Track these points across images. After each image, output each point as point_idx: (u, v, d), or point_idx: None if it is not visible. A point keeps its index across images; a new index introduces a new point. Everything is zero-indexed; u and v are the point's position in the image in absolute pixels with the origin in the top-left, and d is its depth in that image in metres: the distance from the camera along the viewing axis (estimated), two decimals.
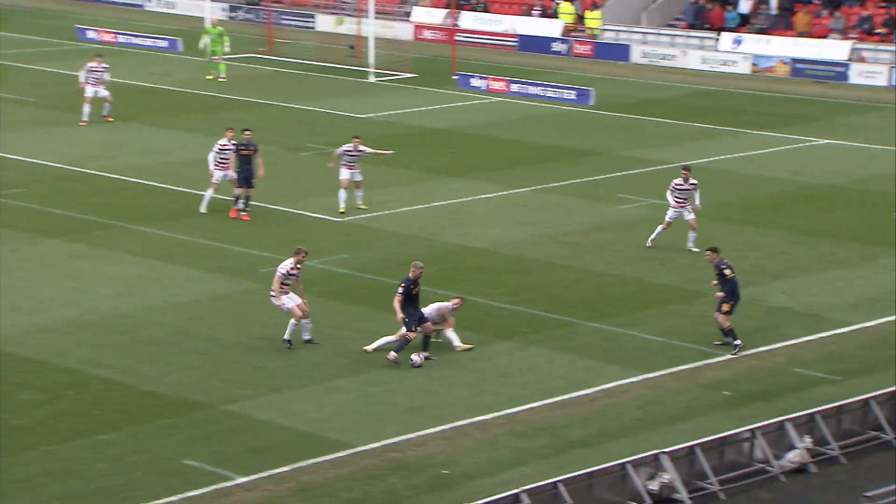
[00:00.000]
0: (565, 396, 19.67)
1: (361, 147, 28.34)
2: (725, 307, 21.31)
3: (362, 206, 28.67)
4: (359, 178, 28.45)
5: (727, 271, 21.42)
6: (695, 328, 22.49)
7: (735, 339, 21.35)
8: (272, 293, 21.25)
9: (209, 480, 16.99)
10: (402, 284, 20.74)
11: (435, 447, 18.03)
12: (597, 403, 19.49)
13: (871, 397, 18.53)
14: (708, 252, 21.94)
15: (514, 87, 43.36)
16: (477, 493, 16.65)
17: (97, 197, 29.96)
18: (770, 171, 33.33)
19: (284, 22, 56.66)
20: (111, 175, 31.82)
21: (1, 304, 22.92)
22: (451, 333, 21.42)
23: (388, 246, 26.85)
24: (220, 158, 28.18)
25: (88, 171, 32.15)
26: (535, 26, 53.41)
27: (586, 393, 19.83)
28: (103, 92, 37.03)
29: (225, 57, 44.34)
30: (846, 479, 17.32)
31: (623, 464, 16.54)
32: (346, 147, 28.34)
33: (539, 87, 43.05)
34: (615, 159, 34.53)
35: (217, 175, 28.21)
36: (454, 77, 45.26)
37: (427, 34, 54.61)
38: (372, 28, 46.55)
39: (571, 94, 42.38)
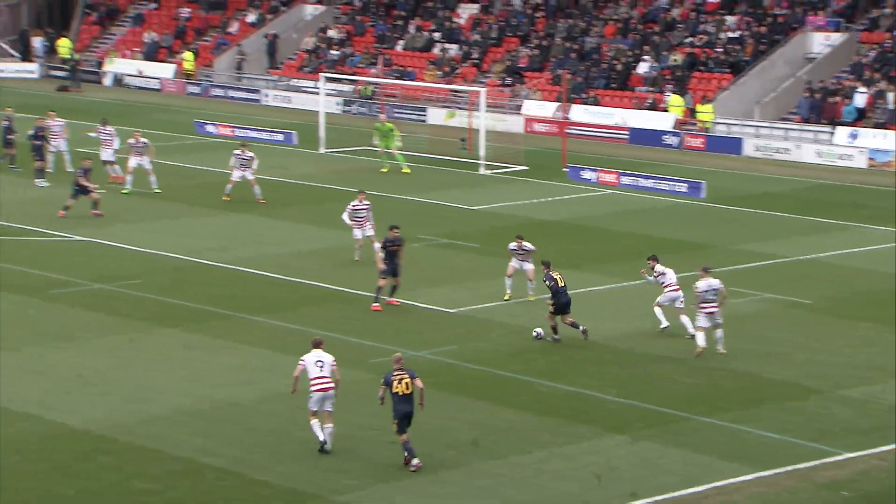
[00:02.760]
0: (678, 493, 19.29)
1: (526, 244, 29.09)
2: None
3: (531, 298, 29.04)
4: (528, 266, 29.02)
5: None
6: (812, 425, 21.97)
7: None
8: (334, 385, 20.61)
9: None
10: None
11: None
12: (711, 501, 19.08)
13: None
14: None
15: (625, 180, 43.29)
16: None
17: (214, 287, 30.43)
18: (886, 267, 32.66)
19: (397, 115, 57.43)
20: (228, 266, 32.34)
21: (116, 392, 23.27)
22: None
23: (498, 337, 26.79)
24: None
25: (206, 261, 32.70)
26: (646, 119, 53.43)
27: (700, 490, 19.44)
28: (250, 175, 38.69)
29: (348, 150, 45.19)
30: None
31: None
32: (512, 246, 29.14)
33: (650, 180, 42.92)
34: (727, 252, 34.16)
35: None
36: (565, 169, 45.37)
37: (538, 127, 54.92)
38: (483, 121, 46.96)
39: (683, 187, 42.16)
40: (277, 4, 69.18)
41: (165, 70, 67.50)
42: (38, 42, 72.05)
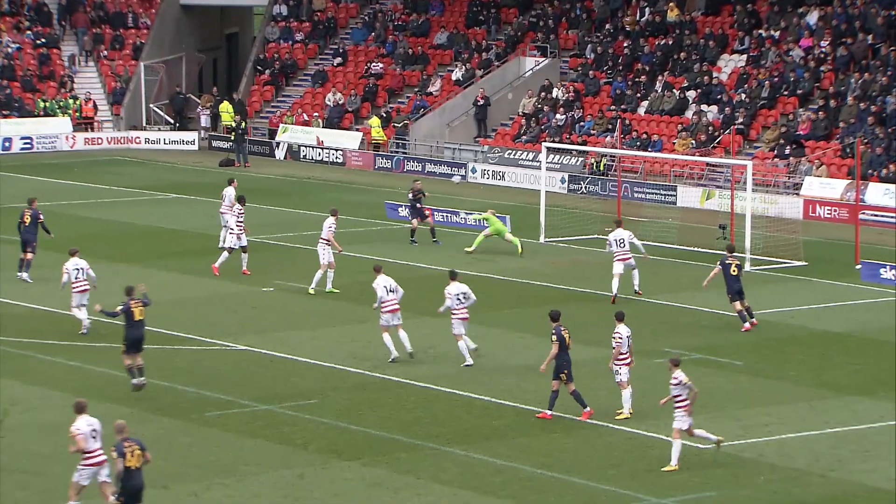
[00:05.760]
0: None
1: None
2: None
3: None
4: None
5: None
6: None
7: None
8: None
9: None
10: None
11: None
12: None
13: None
14: None
15: None
16: None
17: (402, 411, 30.58)
18: None
19: (638, 195, 57.23)
20: (418, 383, 32.47)
21: None
22: None
23: (768, 483, 26.19)
24: None
25: (392, 377, 32.91)
26: None
27: None
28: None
29: (573, 239, 45.48)
30: None
31: None
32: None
33: None
34: None
35: None
36: (857, 267, 44.46)
37: (821, 211, 54.04)
38: (750, 203, 46.42)
39: None
40: (491, 58, 70.14)
41: (350, 139, 68.99)
42: (197, 107, 74.48)
